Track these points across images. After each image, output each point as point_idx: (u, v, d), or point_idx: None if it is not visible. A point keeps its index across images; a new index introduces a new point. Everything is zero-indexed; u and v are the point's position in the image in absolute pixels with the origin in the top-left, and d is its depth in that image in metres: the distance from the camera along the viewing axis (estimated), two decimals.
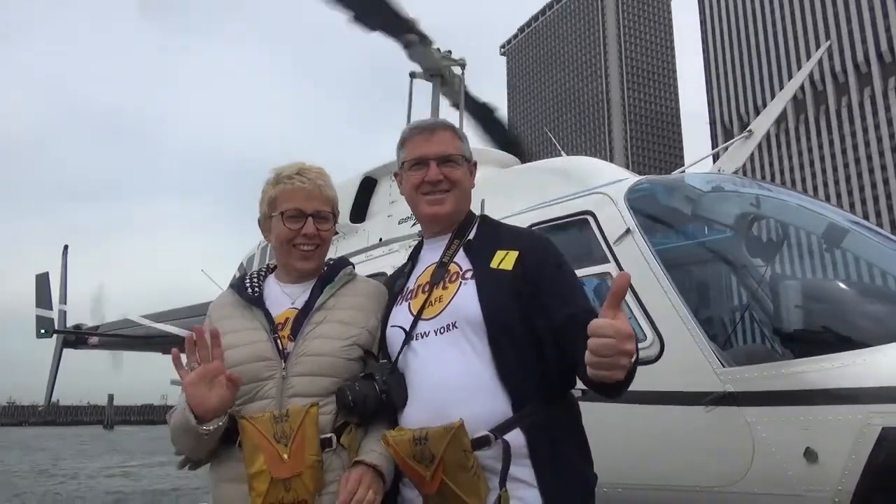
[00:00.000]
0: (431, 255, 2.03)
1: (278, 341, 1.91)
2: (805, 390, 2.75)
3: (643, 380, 3.02)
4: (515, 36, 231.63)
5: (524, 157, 6.87)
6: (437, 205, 1.99)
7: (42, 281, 18.74)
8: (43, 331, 17.63)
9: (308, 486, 1.75)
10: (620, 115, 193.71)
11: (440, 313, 1.86)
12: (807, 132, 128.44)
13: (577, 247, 3.71)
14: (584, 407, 1.90)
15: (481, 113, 7.24)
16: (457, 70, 6.63)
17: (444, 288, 1.90)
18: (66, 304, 18.35)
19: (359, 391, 1.80)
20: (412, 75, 6.76)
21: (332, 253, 2.30)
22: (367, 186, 6.03)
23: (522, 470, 1.72)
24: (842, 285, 3.54)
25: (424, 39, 6.36)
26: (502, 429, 1.72)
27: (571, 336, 1.70)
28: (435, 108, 6.60)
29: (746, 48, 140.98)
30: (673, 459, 3.07)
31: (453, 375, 1.78)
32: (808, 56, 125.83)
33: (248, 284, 2.08)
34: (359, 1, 6.09)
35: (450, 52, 6.69)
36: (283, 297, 2.05)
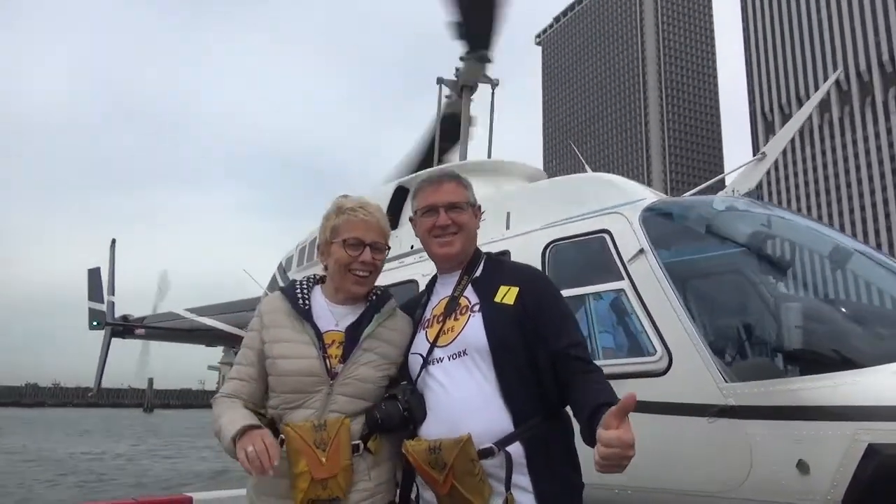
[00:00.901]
0: (444, 289, 2.36)
1: (327, 360, 2.21)
2: (800, 406, 2.95)
3: (653, 391, 3.30)
4: (551, 25, 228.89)
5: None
6: (447, 246, 2.31)
7: (94, 275, 19.50)
8: (95, 323, 18.40)
9: (341, 485, 2.11)
10: (657, 106, 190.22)
11: (452, 342, 2.19)
12: (851, 124, 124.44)
13: (594, 263, 3.95)
14: None
15: (452, 120, 7.17)
16: (487, 87, 6.80)
17: (456, 319, 2.23)
18: (114, 295, 19.08)
19: (385, 410, 2.16)
20: (440, 81, 6.86)
21: None
22: (400, 196, 6.24)
23: (521, 477, 2.04)
24: (840, 307, 3.70)
25: (488, 58, 6.53)
26: (504, 442, 2.05)
27: (565, 364, 2.08)
28: (466, 120, 6.80)
29: (789, 36, 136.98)
30: (678, 466, 3.29)
31: (464, 395, 2.11)
32: (854, 44, 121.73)
33: (299, 294, 2.31)
34: (475, 13, 6.13)
35: None
36: (328, 315, 2.31)
